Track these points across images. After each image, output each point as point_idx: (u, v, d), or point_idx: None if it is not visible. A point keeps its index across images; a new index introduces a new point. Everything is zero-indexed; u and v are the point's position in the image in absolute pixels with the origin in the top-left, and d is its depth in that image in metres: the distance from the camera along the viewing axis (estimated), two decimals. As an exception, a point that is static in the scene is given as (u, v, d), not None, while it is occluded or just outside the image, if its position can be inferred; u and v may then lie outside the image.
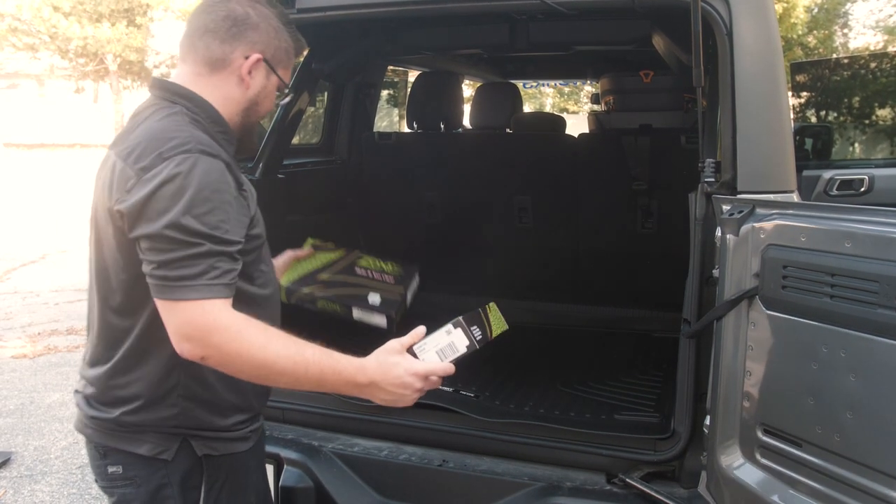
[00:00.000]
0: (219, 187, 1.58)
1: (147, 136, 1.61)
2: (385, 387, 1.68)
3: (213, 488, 1.79)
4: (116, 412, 1.72)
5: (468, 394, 2.73)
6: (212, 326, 1.54)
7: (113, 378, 1.72)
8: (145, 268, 1.56)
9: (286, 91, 1.92)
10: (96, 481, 1.83)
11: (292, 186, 3.31)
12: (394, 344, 1.73)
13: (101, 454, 1.77)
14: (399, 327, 2.13)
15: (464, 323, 1.82)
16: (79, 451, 4.28)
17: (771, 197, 2.02)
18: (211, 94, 1.74)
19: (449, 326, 1.81)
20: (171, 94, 1.72)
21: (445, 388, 2.75)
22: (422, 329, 1.79)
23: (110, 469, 1.76)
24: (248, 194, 1.72)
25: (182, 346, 1.55)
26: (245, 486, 1.87)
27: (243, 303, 1.66)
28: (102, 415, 1.74)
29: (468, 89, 8.45)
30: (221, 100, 1.75)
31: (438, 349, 1.78)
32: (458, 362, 1.79)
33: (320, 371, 1.63)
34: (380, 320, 2.24)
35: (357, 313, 2.26)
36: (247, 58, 1.74)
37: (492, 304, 1.88)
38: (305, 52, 1.87)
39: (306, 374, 1.61)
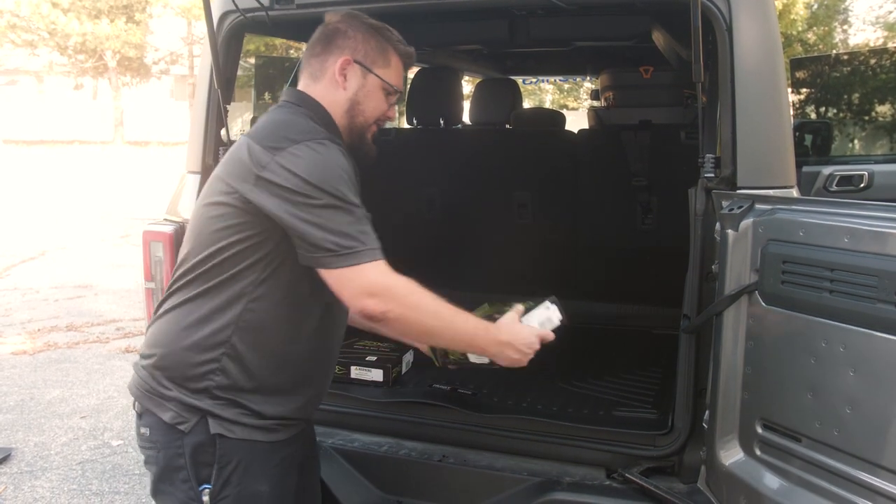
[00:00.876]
0: (348, 169, 1.80)
1: (275, 124, 1.87)
2: (518, 346, 1.97)
3: (224, 468, 1.85)
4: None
5: (466, 391, 2.73)
6: (392, 283, 1.76)
7: None
8: (306, 242, 1.73)
9: (393, 90, 2.02)
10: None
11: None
12: (512, 315, 2.04)
13: (138, 414, 1.94)
14: None
15: (557, 301, 2.18)
16: (78, 447, 4.29)
17: (771, 192, 2.03)
18: (324, 99, 1.96)
19: (547, 303, 2.17)
20: (295, 99, 1.96)
21: (443, 387, 2.76)
22: (521, 306, 2.10)
23: (142, 430, 1.92)
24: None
25: (366, 303, 1.74)
26: (259, 475, 1.90)
27: (314, 302, 1.90)
28: (142, 375, 1.93)
29: (468, 85, 8.45)
30: (330, 105, 1.96)
31: (539, 321, 2.11)
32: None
33: (475, 326, 1.93)
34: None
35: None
36: (336, 62, 1.94)
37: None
38: (411, 56, 2.09)
39: (465, 326, 1.90)
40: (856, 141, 5.81)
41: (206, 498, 1.85)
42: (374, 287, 1.73)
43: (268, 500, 1.91)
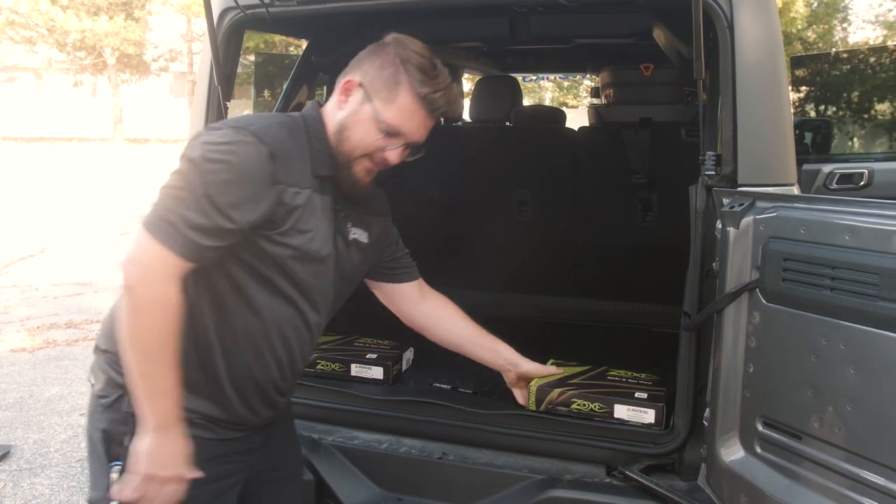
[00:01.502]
0: (248, 167, 1.65)
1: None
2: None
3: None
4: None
5: (466, 390, 2.73)
6: (159, 275, 1.62)
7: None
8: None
9: (389, 132, 1.82)
10: None
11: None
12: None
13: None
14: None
15: None
16: (78, 444, 4.29)
17: (771, 190, 2.02)
18: (327, 116, 1.87)
19: None
20: (304, 109, 1.91)
21: (443, 386, 2.76)
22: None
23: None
24: (293, 202, 1.74)
25: (123, 266, 1.64)
26: None
27: (239, 302, 1.76)
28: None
29: (468, 83, 8.44)
30: (331, 122, 1.85)
31: None
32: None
33: (159, 391, 1.68)
34: (650, 415, 2.39)
35: (620, 410, 2.41)
36: (346, 80, 1.84)
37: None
38: (433, 103, 1.84)
39: (152, 380, 1.67)
40: (856, 139, 5.80)
41: (114, 475, 1.76)
42: (142, 258, 1.63)
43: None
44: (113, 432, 1.79)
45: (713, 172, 2.14)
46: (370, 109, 1.81)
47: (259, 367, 1.86)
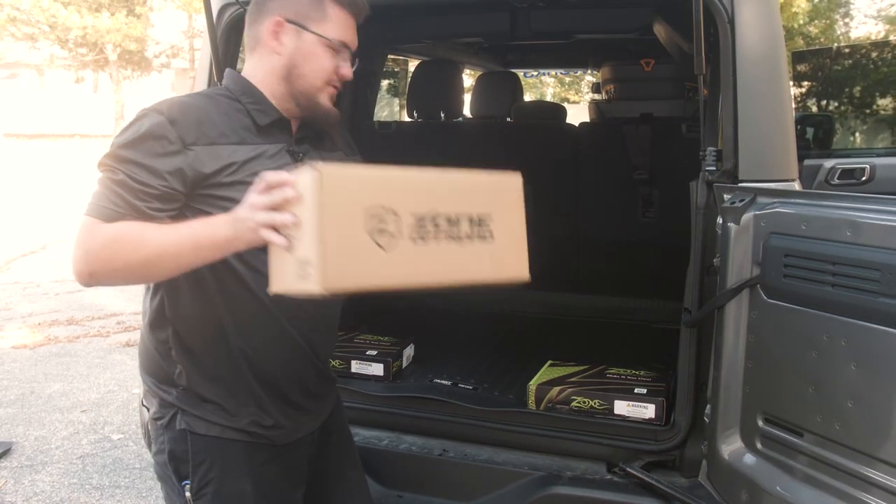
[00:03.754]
0: (156, 133, 1.65)
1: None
2: (241, 214, 1.52)
3: (199, 466, 1.79)
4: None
5: (467, 386, 2.73)
6: (88, 243, 1.58)
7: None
8: None
9: (336, 45, 1.81)
10: None
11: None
12: None
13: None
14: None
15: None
16: (79, 441, 4.29)
17: (772, 185, 2.02)
18: (255, 73, 1.81)
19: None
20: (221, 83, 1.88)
21: (444, 382, 2.76)
22: None
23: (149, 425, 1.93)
24: (231, 158, 1.69)
25: (76, 267, 1.61)
26: (240, 474, 1.82)
27: (228, 280, 1.73)
28: None
29: (469, 79, 8.43)
30: (263, 75, 1.80)
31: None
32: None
33: (191, 228, 1.58)
34: (650, 410, 2.39)
35: (620, 406, 2.41)
36: (267, 26, 1.78)
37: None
38: (355, 5, 1.84)
39: (180, 235, 1.57)
40: (857, 134, 5.79)
41: (187, 494, 1.80)
42: (76, 242, 1.60)
43: (252, 499, 1.82)
44: (177, 451, 1.81)
45: (714, 168, 2.13)
46: (311, 37, 1.78)
47: (278, 357, 1.83)
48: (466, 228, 1.70)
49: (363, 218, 1.43)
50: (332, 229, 1.39)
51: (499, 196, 1.79)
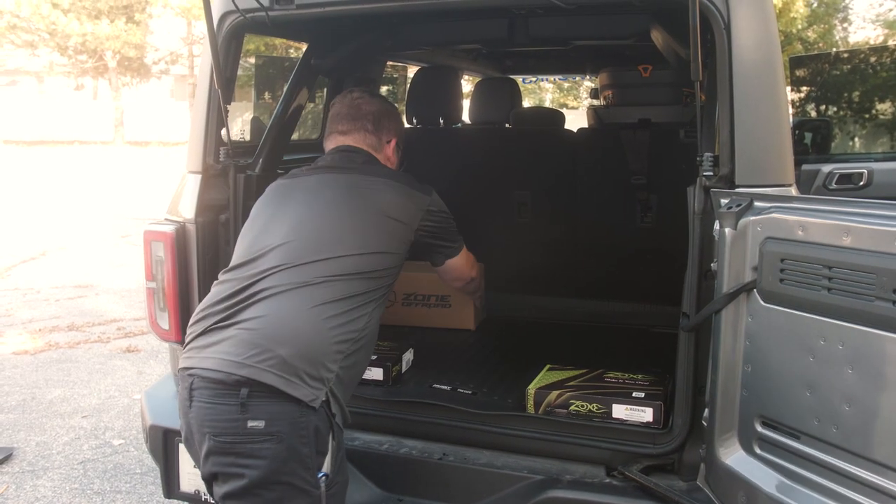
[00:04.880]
0: None
1: (404, 174, 2.56)
2: None
3: (337, 453, 2.11)
4: None
5: (466, 391, 2.74)
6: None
7: None
8: (448, 242, 2.65)
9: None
10: None
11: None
12: None
13: (242, 406, 2.01)
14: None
15: None
16: (80, 446, 4.30)
17: (769, 190, 2.03)
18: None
19: None
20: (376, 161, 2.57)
21: (443, 387, 2.77)
22: None
23: (250, 423, 1.99)
24: None
25: (474, 272, 2.88)
26: (344, 462, 2.22)
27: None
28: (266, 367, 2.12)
29: (467, 84, 8.44)
30: None
31: None
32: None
33: None
34: (648, 414, 2.41)
35: (619, 410, 2.43)
36: (388, 142, 2.62)
37: None
38: None
39: None
40: (856, 139, 5.81)
41: (323, 487, 1.98)
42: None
43: (344, 487, 2.20)
44: (319, 443, 2.00)
45: (711, 173, 2.14)
46: (400, 154, 2.71)
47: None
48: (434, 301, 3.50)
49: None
50: None
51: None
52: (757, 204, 1.96)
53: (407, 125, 4.28)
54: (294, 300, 2.06)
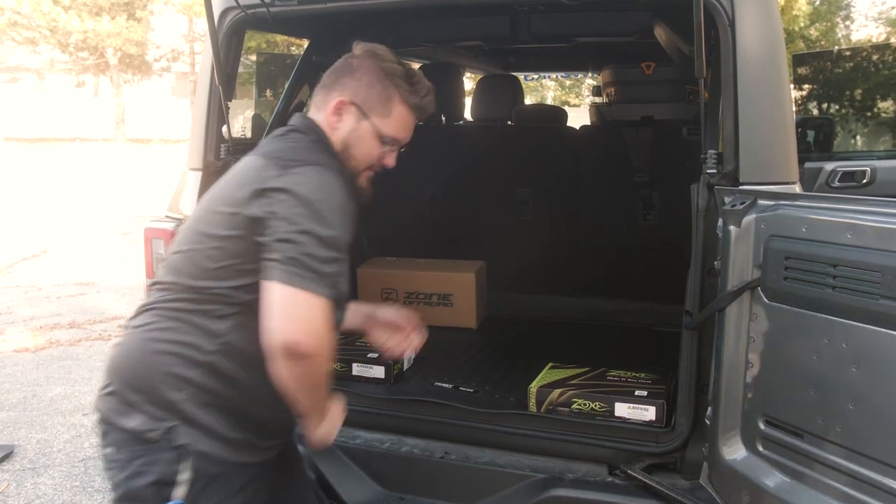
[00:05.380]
0: (345, 203, 1.74)
1: (282, 148, 1.82)
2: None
3: (195, 483, 1.76)
4: None
5: (468, 389, 2.73)
6: (321, 321, 1.64)
7: None
8: (277, 250, 1.65)
9: (389, 141, 1.94)
10: None
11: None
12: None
13: (102, 434, 1.88)
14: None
15: None
16: (81, 444, 4.29)
17: (773, 188, 2.02)
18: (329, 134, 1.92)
19: None
20: (303, 127, 1.91)
21: (445, 385, 2.76)
22: None
23: (106, 450, 1.87)
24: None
25: (299, 335, 1.62)
26: (228, 495, 1.82)
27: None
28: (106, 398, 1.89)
29: (469, 82, 8.43)
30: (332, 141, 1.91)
31: None
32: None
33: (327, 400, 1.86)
34: (650, 412, 2.39)
35: (621, 408, 2.42)
36: (334, 101, 1.89)
37: None
38: (422, 109, 1.98)
39: (324, 396, 1.82)
40: (858, 137, 5.79)
41: None
42: (308, 318, 1.62)
43: None
44: (166, 473, 1.74)
45: (715, 171, 2.13)
46: (369, 126, 1.90)
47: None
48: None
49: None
50: None
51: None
52: (761, 201, 1.95)
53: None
54: (138, 328, 1.86)
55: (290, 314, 1.62)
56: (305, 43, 3.41)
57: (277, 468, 2.01)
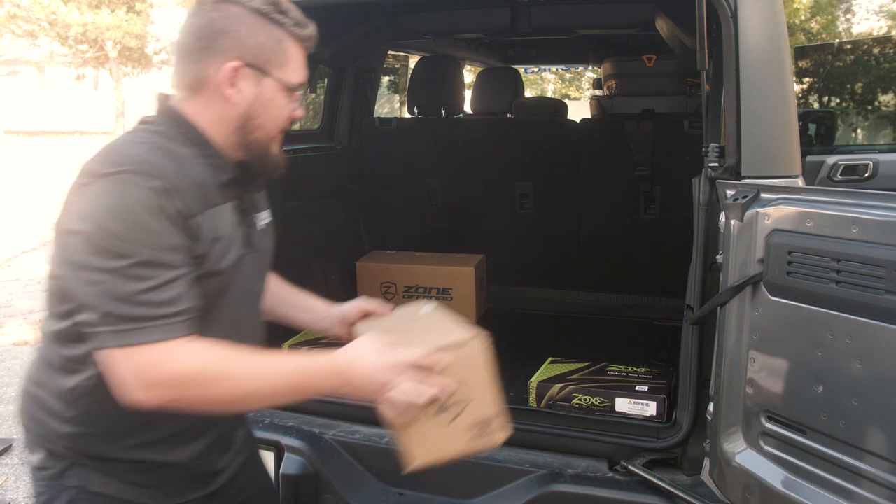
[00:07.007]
0: (161, 210, 1.42)
1: (105, 149, 1.56)
2: (376, 377, 1.54)
3: None
4: None
5: None
6: (179, 367, 1.40)
7: None
8: (85, 310, 1.41)
9: (297, 87, 1.62)
10: None
11: (292, 172, 3.26)
12: (370, 334, 1.64)
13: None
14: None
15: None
16: (80, 438, 4.29)
17: (775, 182, 2.00)
18: (202, 117, 1.57)
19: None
20: (161, 114, 1.61)
21: None
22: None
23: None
24: (202, 227, 1.50)
25: (143, 395, 1.40)
26: None
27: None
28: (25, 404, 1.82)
29: (469, 75, 8.41)
30: (213, 122, 1.57)
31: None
32: None
33: (305, 366, 1.53)
34: (651, 408, 2.38)
35: (622, 404, 2.40)
36: (220, 70, 1.53)
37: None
38: (312, 39, 1.65)
39: (287, 371, 1.51)
40: (860, 130, 5.78)
41: None
42: (153, 375, 1.39)
43: None
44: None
45: (717, 164, 2.11)
46: (273, 83, 1.57)
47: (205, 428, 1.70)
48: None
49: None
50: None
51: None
52: (763, 195, 1.93)
53: (409, 115, 4.26)
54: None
55: (118, 376, 1.41)
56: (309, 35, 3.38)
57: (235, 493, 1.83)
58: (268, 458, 2.40)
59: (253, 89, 1.56)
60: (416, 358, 1.53)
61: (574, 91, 26.29)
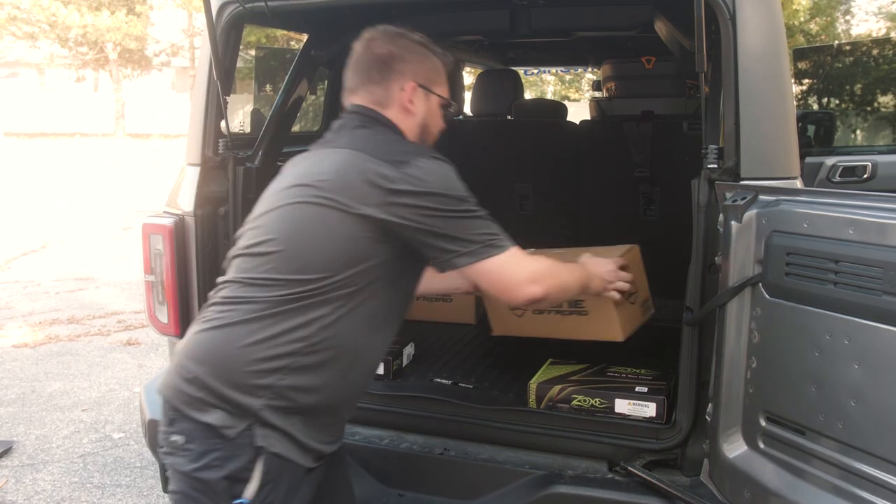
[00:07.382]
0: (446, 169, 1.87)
1: (383, 142, 1.89)
2: (602, 275, 2.29)
3: (265, 486, 1.77)
4: None
5: (467, 385, 2.73)
6: (542, 264, 1.96)
7: None
8: (455, 243, 1.82)
9: (451, 104, 2.11)
10: None
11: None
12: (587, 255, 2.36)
13: (170, 420, 1.86)
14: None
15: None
16: (80, 439, 4.29)
17: (774, 183, 2.01)
18: (402, 125, 2.00)
19: None
20: (382, 119, 1.97)
21: (444, 381, 2.76)
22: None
23: (173, 437, 1.84)
24: None
25: (531, 290, 1.88)
26: (294, 498, 1.85)
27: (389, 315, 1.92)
28: (181, 384, 1.89)
29: (468, 76, 8.42)
30: (406, 127, 2.00)
31: None
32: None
33: (580, 272, 2.18)
34: (651, 409, 2.39)
35: (621, 405, 2.41)
36: (402, 89, 1.97)
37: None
38: (452, 65, 2.16)
39: (574, 277, 2.13)
40: (858, 132, 5.79)
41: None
42: (535, 272, 1.89)
43: None
44: (238, 470, 1.75)
45: (715, 166, 2.12)
46: (437, 99, 2.05)
47: (364, 384, 2.01)
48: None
49: None
50: None
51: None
52: (762, 197, 1.93)
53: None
54: (227, 325, 1.82)
55: (504, 282, 1.88)
56: (304, 37, 3.39)
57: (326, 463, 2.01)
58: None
59: (423, 105, 2.02)
60: (618, 262, 2.35)
61: (573, 93, 26.32)
